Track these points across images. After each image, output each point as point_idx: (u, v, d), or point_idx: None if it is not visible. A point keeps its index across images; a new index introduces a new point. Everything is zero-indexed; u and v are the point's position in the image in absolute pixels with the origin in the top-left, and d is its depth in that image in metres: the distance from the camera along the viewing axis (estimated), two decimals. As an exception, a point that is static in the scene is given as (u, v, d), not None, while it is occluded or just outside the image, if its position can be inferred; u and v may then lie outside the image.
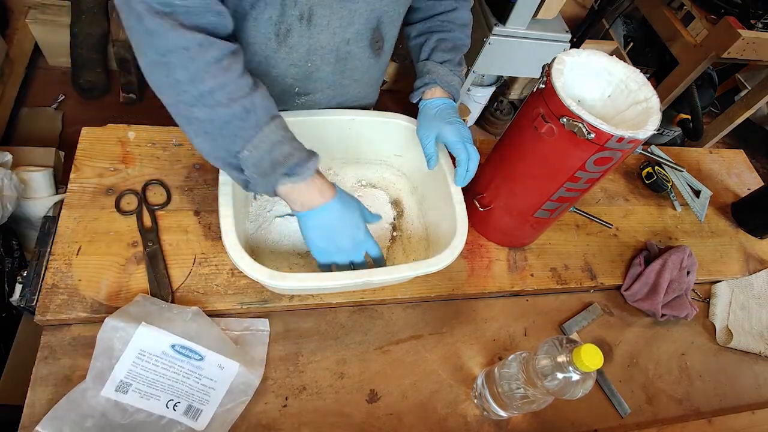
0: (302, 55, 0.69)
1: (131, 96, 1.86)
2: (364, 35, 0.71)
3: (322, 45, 0.69)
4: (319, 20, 0.65)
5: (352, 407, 0.70)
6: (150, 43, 0.53)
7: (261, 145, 0.58)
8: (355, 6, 0.65)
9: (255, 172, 0.59)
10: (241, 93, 0.57)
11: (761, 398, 0.89)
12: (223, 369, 0.64)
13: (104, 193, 0.77)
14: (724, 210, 1.13)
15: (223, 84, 0.55)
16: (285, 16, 0.63)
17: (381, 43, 0.76)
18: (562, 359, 0.58)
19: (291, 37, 0.66)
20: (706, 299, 0.99)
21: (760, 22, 1.68)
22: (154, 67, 0.54)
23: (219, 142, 0.58)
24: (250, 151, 0.58)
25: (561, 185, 0.72)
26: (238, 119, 0.57)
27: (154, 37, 0.52)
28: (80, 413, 0.59)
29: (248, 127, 0.57)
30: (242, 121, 0.57)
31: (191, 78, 0.54)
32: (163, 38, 0.52)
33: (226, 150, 0.58)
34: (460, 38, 0.81)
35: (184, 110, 0.56)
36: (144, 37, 0.52)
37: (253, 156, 0.58)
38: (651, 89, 0.68)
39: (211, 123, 0.56)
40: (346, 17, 0.66)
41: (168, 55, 0.53)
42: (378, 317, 0.79)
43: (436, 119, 0.75)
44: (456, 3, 0.80)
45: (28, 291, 0.68)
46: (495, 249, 0.89)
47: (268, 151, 0.58)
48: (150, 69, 0.55)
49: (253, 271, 0.59)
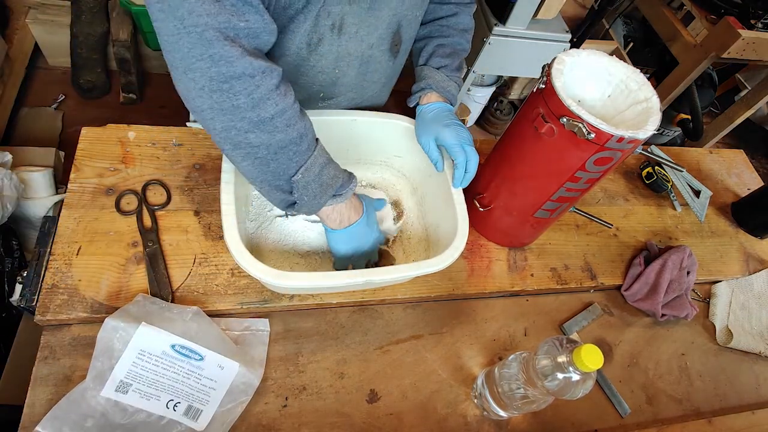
0: (330, 62, 0.71)
1: (131, 96, 1.86)
2: (386, 39, 0.73)
3: (350, 52, 0.70)
4: (348, 28, 0.66)
5: (352, 407, 0.70)
6: (212, 70, 0.51)
7: (312, 168, 0.60)
8: (381, 13, 0.66)
9: (305, 194, 0.61)
10: (297, 118, 0.58)
11: (761, 398, 0.89)
12: (223, 369, 0.64)
13: (104, 193, 0.77)
14: (724, 210, 1.13)
15: (283, 110, 0.56)
16: (318, 27, 0.64)
17: (399, 46, 0.77)
18: (562, 359, 0.58)
19: (322, 46, 0.67)
20: (706, 299, 0.99)
21: (760, 22, 1.68)
22: (212, 93, 0.52)
23: (272, 167, 0.59)
24: (302, 175, 0.60)
25: (561, 185, 0.72)
26: (294, 144, 0.58)
27: (219, 63, 0.50)
28: (80, 413, 0.59)
29: (302, 151, 0.59)
30: (297, 145, 0.59)
31: (254, 105, 0.54)
32: (230, 65, 0.51)
33: (279, 174, 0.60)
34: (459, 43, 0.82)
35: (236, 136, 0.56)
36: (205, 63, 0.50)
37: (305, 179, 0.60)
38: (651, 89, 0.68)
39: (267, 148, 0.57)
40: (372, 24, 0.67)
41: (231, 82, 0.52)
42: (378, 317, 0.79)
43: (433, 123, 0.76)
44: (457, 8, 0.81)
45: (28, 291, 0.68)
46: (495, 249, 0.89)
47: (318, 174, 0.61)
48: (202, 94, 0.53)
49: (257, 270, 0.59)
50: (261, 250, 0.76)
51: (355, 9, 0.63)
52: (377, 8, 0.65)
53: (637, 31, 2.36)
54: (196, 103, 0.54)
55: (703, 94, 2.05)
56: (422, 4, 0.73)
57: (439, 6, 0.80)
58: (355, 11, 0.64)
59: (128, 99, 1.86)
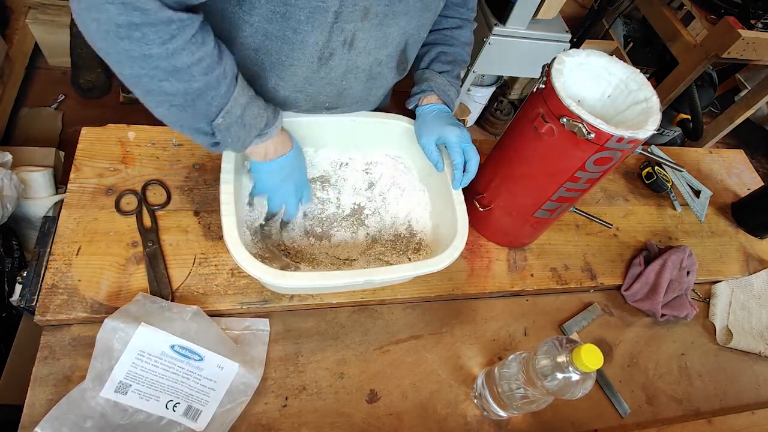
0: (339, 75, 0.71)
1: (131, 96, 1.86)
2: (394, 57, 0.74)
3: (358, 66, 0.71)
4: (359, 43, 0.66)
5: (352, 407, 0.70)
6: (120, 17, 0.47)
7: (233, 110, 0.59)
8: (390, 30, 0.67)
9: (227, 136, 0.60)
10: (215, 62, 0.55)
11: (761, 398, 0.89)
12: (223, 369, 0.64)
13: (104, 193, 0.77)
14: (724, 210, 1.13)
15: (201, 59, 0.53)
16: (331, 41, 0.64)
17: (406, 65, 0.79)
18: (562, 359, 0.58)
19: (333, 60, 0.68)
20: (706, 299, 0.99)
21: (760, 22, 1.68)
22: (119, 39, 0.48)
23: (189, 112, 0.57)
24: (223, 118, 0.58)
25: (561, 185, 0.72)
26: (212, 89, 0.56)
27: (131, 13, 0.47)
28: (80, 414, 0.59)
29: (221, 95, 0.57)
30: (215, 90, 0.56)
31: (168, 55, 0.51)
32: (145, 15, 0.47)
33: (198, 118, 0.58)
34: (460, 54, 0.83)
35: (148, 83, 0.53)
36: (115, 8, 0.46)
37: (226, 122, 0.59)
38: (651, 89, 0.68)
39: (184, 96, 0.54)
40: (381, 39, 0.68)
41: (143, 29, 0.48)
42: (378, 317, 0.79)
43: (434, 123, 0.77)
44: (461, 22, 0.82)
45: (28, 291, 0.67)
46: (495, 249, 0.89)
47: (240, 116, 0.60)
48: (107, 37, 0.49)
49: (257, 270, 0.59)
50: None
51: (367, 25, 0.64)
52: (387, 24, 0.66)
53: (637, 31, 2.36)
54: (99, 45, 0.50)
55: (703, 94, 2.05)
56: (427, 26, 0.74)
57: (444, 19, 0.81)
58: (367, 27, 0.64)
59: (128, 99, 1.86)
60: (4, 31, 1.70)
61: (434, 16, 0.73)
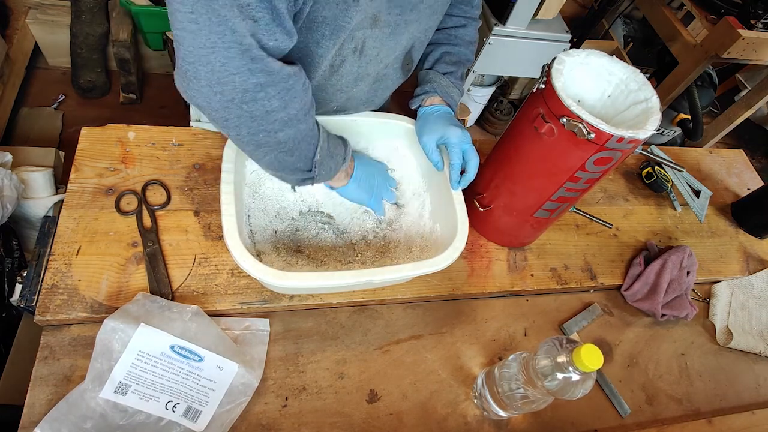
0: (350, 82, 0.72)
1: (131, 96, 1.86)
2: (400, 59, 0.75)
3: (368, 72, 0.72)
4: (369, 51, 0.67)
5: (352, 407, 0.70)
6: (248, 82, 0.50)
7: (324, 143, 0.64)
8: (401, 37, 0.68)
9: (322, 169, 0.65)
10: (310, 103, 0.60)
11: (761, 398, 0.89)
12: (223, 369, 0.64)
13: (104, 193, 0.77)
14: (724, 210, 1.13)
15: (305, 103, 0.58)
16: (342, 50, 0.65)
17: (411, 66, 0.80)
18: (562, 359, 0.58)
19: (343, 67, 0.68)
20: (706, 299, 0.99)
21: (760, 22, 1.68)
22: (242, 104, 0.52)
23: (296, 156, 0.61)
24: (320, 154, 0.63)
25: (561, 185, 0.72)
26: (311, 129, 0.61)
27: (257, 74, 0.49)
28: (79, 415, 0.59)
29: (315, 133, 0.62)
30: (312, 129, 0.61)
31: (284, 105, 0.54)
32: (269, 75, 0.51)
33: (302, 159, 0.62)
34: (464, 54, 0.83)
35: (264, 137, 0.56)
36: (241, 77, 0.49)
37: (322, 155, 0.63)
38: (651, 89, 0.68)
39: (293, 140, 0.59)
40: (391, 47, 0.69)
41: (267, 89, 0.51)
42: (378, 317, 0.79)
43: (435, 124, 0.77)
44: (466, 20, 0.82)
45: (28, 291, 0.68)
46: (495, 249, 0.89)
47: (328, 148, 0.65)
48: (230, 106, 0.51)
49: (257, 270, 0.59)
50: (260, 251, 0.76)
51: (377, 33, 0.64)
52: (399, 33, 0.66)
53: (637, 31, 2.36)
54: (220, 115, 0.53)
55: (703, 94, 2.05)
56: (434, 27, 0.75)
57: (448, 17, 0.81)
58: (377, 35, 0.65)
59: (128, 99, 1.86)
60: (4, 31, 1.70)
61: (441, 17, 0.73)
